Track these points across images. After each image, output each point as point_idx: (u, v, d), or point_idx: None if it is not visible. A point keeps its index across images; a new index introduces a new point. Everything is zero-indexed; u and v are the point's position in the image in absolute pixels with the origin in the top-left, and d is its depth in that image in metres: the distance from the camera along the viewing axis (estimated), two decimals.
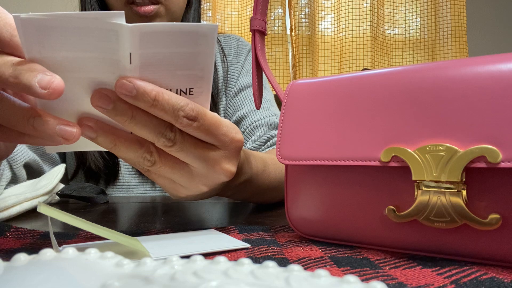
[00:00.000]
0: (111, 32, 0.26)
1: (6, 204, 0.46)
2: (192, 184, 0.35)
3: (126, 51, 0.27)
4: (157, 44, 0.27)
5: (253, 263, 0.17)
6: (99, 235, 0.31)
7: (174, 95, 0.29)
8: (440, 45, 1.57)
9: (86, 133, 0.30)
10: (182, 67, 0.29)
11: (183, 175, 0.34)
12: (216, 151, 0.33)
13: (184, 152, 0.32)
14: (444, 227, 0.28)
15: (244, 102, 0.80)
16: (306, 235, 0.36)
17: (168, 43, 0.28)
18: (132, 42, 0.26)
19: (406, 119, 0.30)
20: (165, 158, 0.32)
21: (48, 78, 0.25)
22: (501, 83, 0.27)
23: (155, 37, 0.27)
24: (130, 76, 0.28)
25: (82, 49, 0.26)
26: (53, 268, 0.17)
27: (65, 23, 0.25)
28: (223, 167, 0.34)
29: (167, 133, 0.30)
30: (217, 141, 0.33)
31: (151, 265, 0.18)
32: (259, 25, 0.41)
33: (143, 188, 0.77)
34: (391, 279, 0.24)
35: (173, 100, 0.29)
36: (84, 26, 0.25)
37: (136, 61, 0.27)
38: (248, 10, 1.54)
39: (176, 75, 0.30)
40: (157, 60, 0.28)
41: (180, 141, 0.31)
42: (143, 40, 0.26)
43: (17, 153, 0.64)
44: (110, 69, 0.28)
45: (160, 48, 0.28)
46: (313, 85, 0.36)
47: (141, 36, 0.26)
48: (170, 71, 0.29)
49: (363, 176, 0.32)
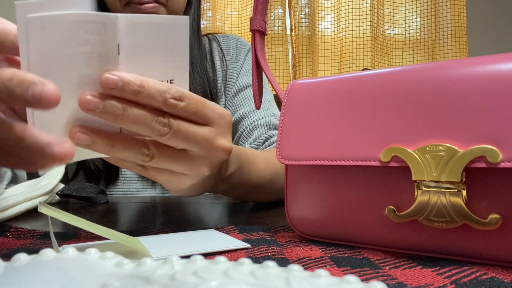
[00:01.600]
0: (99, 24, 0.27)
1: (6, 204, 0.46)
2: (194, 169, 0.35)
3: (115, 42, 0.28)
4: (141, 35, 0.29)
5: (253, 263, 0.17)
6: (99, 235, 0.31)
7: (157, 81, 0.30)
8: (440, 45, 1.57)
9: (81, 142, 0.30)
10: (161, 59, 0.31)
11: (183, 162, 0.34)
12: (209, 129, 0.34)
13: (179, 136, 0.32)
14: (444, 227, 0.28)
15: (243, 102, 0.80)
16: (306, 235, 0.36)
17: (149, 34, 0.29)
18: (120, 31, 0.27)
19: (406, 119, 0.30)
20: (162, 149, 0.33)
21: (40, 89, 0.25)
22: (501, 83, 0.27)
23: (139, 28, 0.28)
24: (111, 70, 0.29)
25: (74, 44, 0.27)
26: (53, 268, 0.17)
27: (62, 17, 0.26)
28: (219, 144, 0.35)
29: (160, 119, 0.31)
30: (207, 118, 0.34)
31: (151, 265, 0.18)
32: (259, 25, 0.41)
33: (144, 188, 0.77)
34: (391, 279, 0.24)
35: (158, 85, 0.30)
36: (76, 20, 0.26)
37: (124, 52, 0.28)
38: (248, 10, 1.54)
39: (156, 66, 0.31)
40: (141, 52, 0.29)
41: (174, 125, 0.31)
42: (130, 30, 0.28)
43: None
44: (99, 63, 0.28)
45: (144, 39, 0.29)
46: (313, 85, 0.36)
47: (127, 26, 0.28)
48: (152, 62, 0.30)
49: (363, 176, 0.32)
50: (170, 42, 0.30)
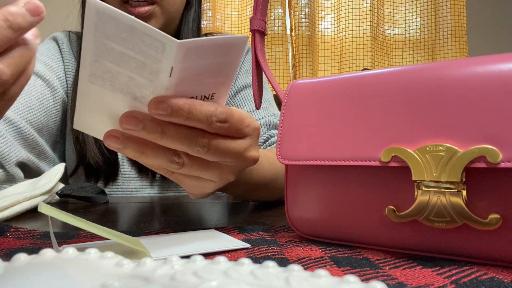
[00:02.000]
0: (158, 42, 0.26)
1: (5, 203, 0.46)
2: (222, 176, 0.36)
3: (169, 64, 0.27)
4: (197, 58, 0.28)
5: (253, 263, 0.17)
6: (99, 235, 0.31)
7: (203, 103, 0.30)
8: (440, 45, 1.57)
9: (113, 145, 0.31)
10: (210, 76, 0.30)
11: (213, 170, 0.35)
12: (244, 142, 0.35)
13: (216, 153, 0.32)
14: (444, 227, 0.28)
15: (243, 102, 0.80)
16: (306, 235, 0.36)
17: (206, 55, 0.29)
18: (177, 57, 0.27)
19: (406, 119, 0.30)
20: (194, 159, 0.33)
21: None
22: (501, 83, 0.27)
23: (196, 52, 0.28)
24: (162, 96, 0.28)
25: (129, 47, 0.27)
26: (53, 268, 0.17)
27: (121, 17, 0.26)
28: (250, 155, 0.36)
29: (200, 140, 0.31)
30: (244, 133, 0.34)
31: (151, 265, 0.18)
32: (259, 25, 0.41)
33: (143, 188, 0.77)
34: (391, 279, 0.24)
35: (205, 108, 0.30)
36: (136, 27, 0.26)
37: (176, 74, 0.28)
38: (248, 10, 1.54)
39: (203, 83, 0.30)
40: (192, 72, 0.29)
41: (213, 145, 0.32)
42: (187, 55, 0.27)
43: (8, 152, 0.64)
44: (149, 77, 0.28)
45: (198, 61, 0.28)
46: (313, 85, 0.36)
47: (185, 51, 0.27)
48: (199, 80, 0.30)
49: (363, 176, 0.32)
50: (224, 61, 0.30)
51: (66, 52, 0.76)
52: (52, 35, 0.79)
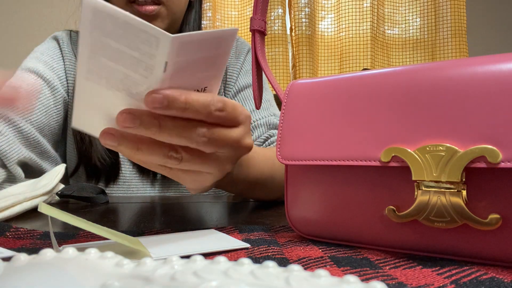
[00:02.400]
0: (153, 38, 0.27)
1: (6, 203, 0.46)
2: (220, 167, 0.36)
3: (163, 59, 0.27)
4: (190, 51, 0.28)
5: (253, 263, 0.17)
6: (99, 235, 0.31)
7: (199, 93, 0.30)
8: (440, 45, 1.57)
9: (109, 142, 0.31)
10: (202, 69, 0.31)
11: (211, 162, 0.35)
12: (239, 130, 0.35)
13: (214, 143, 0.32)
14: (444, 227, 0.28)
15: (243, 102, 0.80)
16: (306, 235, 0.36)
17: (198, 49, 0.29)
18: (171, 51, 0.27)
19: (406, 119, 0.30)
20: (192, 152, 0.33)
21: None
22: (501, 83, 0.27)
23: (189, 45, 0.28)
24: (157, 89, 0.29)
25: (125, 44, 0.27)
26: (53, 268, 0.17)
27: (116, 13, 0.26)
28: (246, 143, 0.36)
29: (199, 130, 0.31)
30: (238, 121, 0.34)
31: (151, 265, 0.18)
32: (259, 25, 0.41)
33: (143, 188, 0.77)
34: (391, 279, 0.24)
35: (202, 98, 0.30)
36: (131, 22, 0.26)
37: (170, 69, 0.28)
38: (248, 10, 1.54)
39: (196, 77, 0.31)
40: (187, 66, 0.29)
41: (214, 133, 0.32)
42: (180, 48, 0.27)
43: (10, 150, 0.64)
44: (144, 73, 0.28)
45: (191, 55, 0.29)
46: (313, 85, 0.36)
47: (179, 45, 0.27)
48: (192, 74, 0.30)
49: (363, 176, 0.32)
50: (216, 54, 0.30)
51: (66, 51, 0.76)
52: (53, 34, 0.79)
